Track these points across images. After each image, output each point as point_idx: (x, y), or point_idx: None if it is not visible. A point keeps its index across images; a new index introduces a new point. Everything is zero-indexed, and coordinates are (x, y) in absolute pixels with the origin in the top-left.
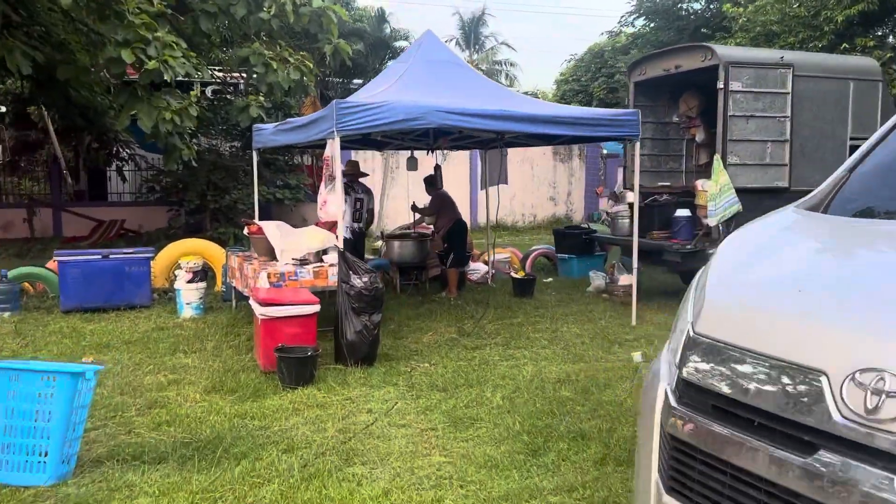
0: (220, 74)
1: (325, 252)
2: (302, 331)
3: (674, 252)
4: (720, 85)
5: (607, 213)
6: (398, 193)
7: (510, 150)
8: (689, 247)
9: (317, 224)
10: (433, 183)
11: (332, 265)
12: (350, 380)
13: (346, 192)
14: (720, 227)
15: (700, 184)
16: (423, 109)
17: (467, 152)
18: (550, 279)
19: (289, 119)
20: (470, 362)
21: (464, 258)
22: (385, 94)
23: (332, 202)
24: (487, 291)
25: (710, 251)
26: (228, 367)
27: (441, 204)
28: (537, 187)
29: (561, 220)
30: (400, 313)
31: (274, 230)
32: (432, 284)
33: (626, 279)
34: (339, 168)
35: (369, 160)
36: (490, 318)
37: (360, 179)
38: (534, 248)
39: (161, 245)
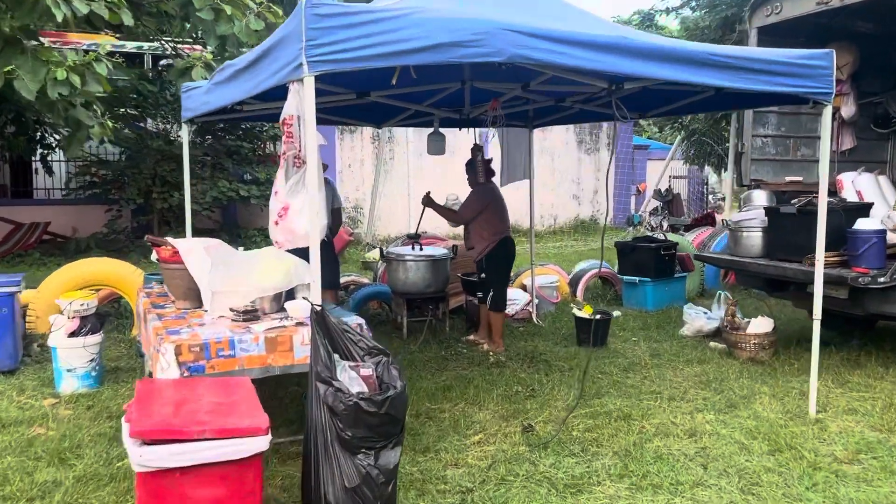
0: (181, 47)
1: (291, 295)
2: (229, 495)
3: (852, 286)
4: None
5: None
6: (394, 190)
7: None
8: (882, 279)
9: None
10: (478, 171)
11: (300, 323)
12: None
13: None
14: None
15: (849, 179)
16: (481, 26)
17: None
18: (617, 313)
19: (228, 62)
20: None
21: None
22: (408, 2)
23: (300, 209)
24: (535, 334)
25: None
26: None
27: (486, 205)
28: (559, 184)
29: (586, 222)
30: (415, 386)
31: (201, 256)
32: (451, 320)
33: (763, 326)
34: (313, 139)
35: (356, 147)
36: (566, 399)
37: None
38: (583, 266)
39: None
